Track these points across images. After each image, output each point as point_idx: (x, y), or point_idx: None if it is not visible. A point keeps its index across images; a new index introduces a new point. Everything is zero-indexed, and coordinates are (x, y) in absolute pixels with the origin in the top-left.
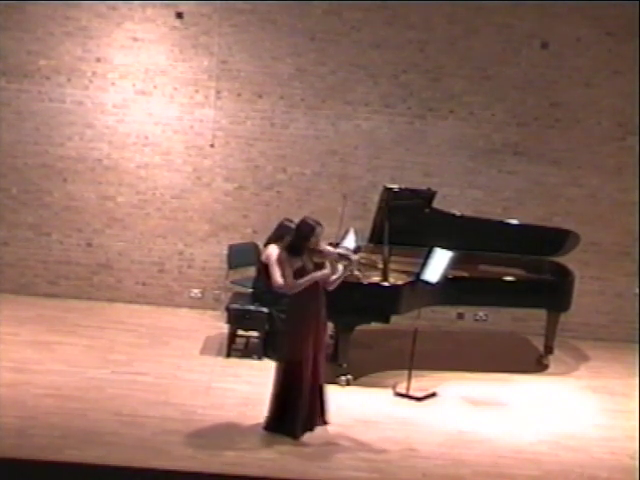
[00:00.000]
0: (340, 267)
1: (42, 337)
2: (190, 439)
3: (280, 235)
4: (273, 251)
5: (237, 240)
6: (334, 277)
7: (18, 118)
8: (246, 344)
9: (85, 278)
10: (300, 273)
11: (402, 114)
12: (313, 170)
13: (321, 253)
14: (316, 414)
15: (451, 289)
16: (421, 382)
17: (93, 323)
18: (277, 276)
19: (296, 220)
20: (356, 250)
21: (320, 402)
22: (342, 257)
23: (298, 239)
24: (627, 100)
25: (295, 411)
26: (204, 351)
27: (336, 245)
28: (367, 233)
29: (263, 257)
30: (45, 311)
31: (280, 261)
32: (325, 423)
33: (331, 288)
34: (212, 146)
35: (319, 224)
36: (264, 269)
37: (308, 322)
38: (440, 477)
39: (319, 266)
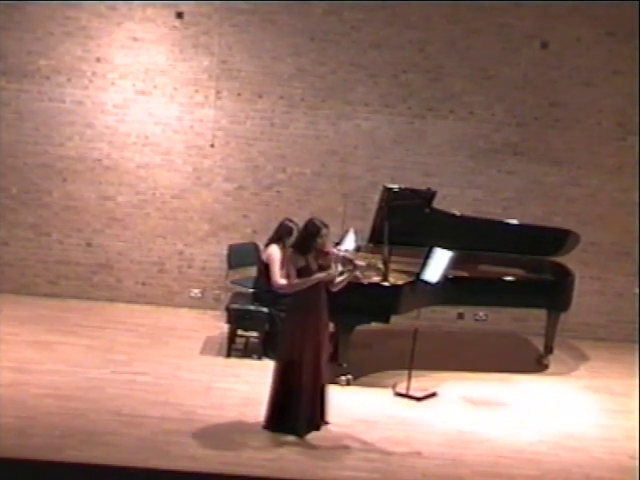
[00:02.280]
0: (339, 267)
1: (42, 337)
2: (190, 439)
3: (281, 235)
4: (274, 251)
5: (237, 240)
6: (338, 280)
7: (18, 118)
8: (246, 344)
9: (85, 278)
10: (303, 273)
11: (402, 114)
12: (313, 170)
13: (327, 255)
14: (319, 414)
15: (451, 289)
16: (421, 382)
17: (93, 323)
18: (277, 276)
19: (297, 220)
20: (356, 250)
21: (320, 402)
22: (347, 261)
23: (304, 238)
24: (627, 100)
25: (297, 410)
26: (204, 351)
27: (336, 245)
28: (367, 233)
29: (264, 257)
30: (45, 311)
31: (284, 259)
32: (325, 423)
33: (334, 290)
34: (212, 146)
35: (326, 226)
36: (264, 269)
37: (308, 322)
38: (440, 477)
39: (323, 268)
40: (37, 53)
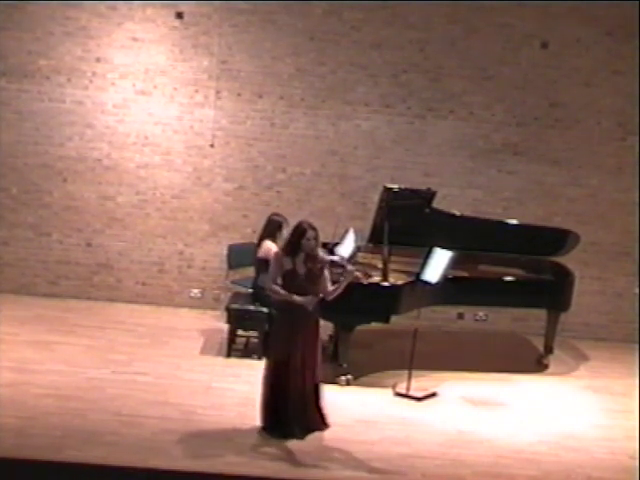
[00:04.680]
0: (326, 273)
1: (42, 337)
2: (190, 439)
3: (272, 230)
4: (272, 246)
5: (237, 240)
6: (331, 288)
7: (18, 118)
8: (246, 344)
9: (85, 278)
10: (289, 276)
11: (402, 114)
12: (313, 170)
13: (315, 259)
14: (317, 415)
15: (451, 289)
16: (421, 382)
17: (93, 323)
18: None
19: (290, 218)
20: (356, 250)
21: (317, 404)
22: (335, 265)
23: (291, 240)
24: (627, 100)
25: (286, 411)
26: (204, 351)
27: (335, 245)
28: (367, 233)
29: (261, 253)
30: (45, 311)
31: (275, 260)
32: (326, 427)
33: (329, 298)
34: (212, 146)
35: (312, 228)
36: (264, 264)
37: (297, 323)
38: (440, 477)
39: (311, 272)
40: (37, 53)
